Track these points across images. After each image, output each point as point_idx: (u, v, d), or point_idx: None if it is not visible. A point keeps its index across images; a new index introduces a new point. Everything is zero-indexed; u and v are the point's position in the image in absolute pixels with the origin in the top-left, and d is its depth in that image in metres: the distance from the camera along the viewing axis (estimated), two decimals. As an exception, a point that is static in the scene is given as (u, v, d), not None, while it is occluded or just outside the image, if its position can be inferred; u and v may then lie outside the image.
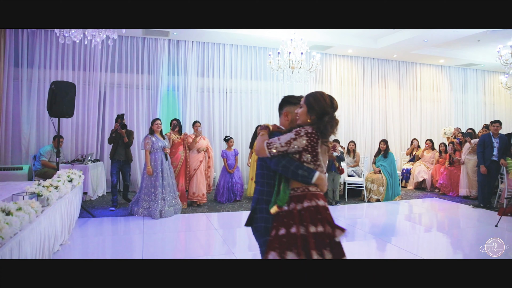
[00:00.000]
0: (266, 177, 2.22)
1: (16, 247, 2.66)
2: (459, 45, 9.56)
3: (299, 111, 2.13)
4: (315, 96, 2.12)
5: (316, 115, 2.06)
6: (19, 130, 7.42)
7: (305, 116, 2.10)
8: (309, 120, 2.08)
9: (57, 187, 3.93)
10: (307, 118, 2.09)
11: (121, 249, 4.48)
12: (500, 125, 6.85)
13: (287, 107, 2.25)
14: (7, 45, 7.32)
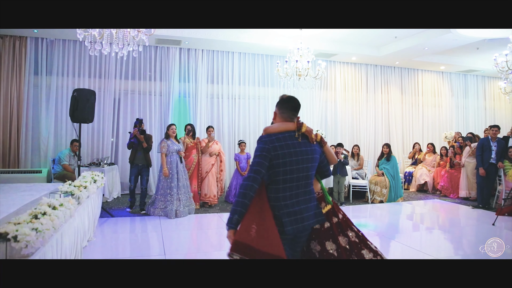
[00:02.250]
0: None
1: (60, 238, 3.01)
2: (459, 52, 9.90)
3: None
4: None
5: None
6: (38, 135, 7.80)
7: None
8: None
9: (86, 187, 4.28)
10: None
11: (143, 246, 4.83)
12: (499, 129, 7.17)
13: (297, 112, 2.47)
14: (28, 54, 7.72)
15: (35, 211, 2.78)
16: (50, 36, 7.82)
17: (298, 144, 2.28)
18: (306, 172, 2.28)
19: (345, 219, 2.47)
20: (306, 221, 2.25)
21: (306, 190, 2.30)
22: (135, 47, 4.49)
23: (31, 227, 2.45)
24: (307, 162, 2.28)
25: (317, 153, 2.36)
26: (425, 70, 11.30)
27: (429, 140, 10.62)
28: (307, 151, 2.30)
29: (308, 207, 2.28)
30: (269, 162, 2.21)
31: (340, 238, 2.38)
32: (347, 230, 2.42)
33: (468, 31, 7.59)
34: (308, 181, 2.31)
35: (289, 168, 2.22)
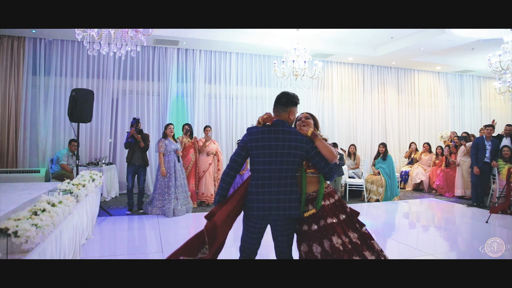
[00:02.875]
0: None
1: (59, 235, 3.06)
2: (454, 53, 9.99)
3: (308, 121, 2.73)
4: (315, 117, 2.90)
5: (317, 128, 2.79)
6: (37, 135, 7.83)
7: (312, 126, 2.74)
8: (315, 130, 2.68)
9: (84, 185, 4.33)
10: (313, 129, 2.68)
11: (140, 244, 4.88)
12: (493, 129, 7.26)
13: (292, 107, 2.62)
14: (26, 54, 7.76)
15: (35, 208, 2.83)
16: (49, 36, 7.86)
17: (276, 138, 2.44)
18: (280, 165, 2.42)
19: (342, 222, 2.52)
20: (274, 211, 2.42)
21: (281, 183, 2.43)
22: (133, 47, 4.54)
23: (31, 223, 2.50)
24: (281, 156, 2.42)
25: (298, 148, 2.45)
26: (421, 70, 11.38)
27: (425, 140, 10.71)
28: (284, 145, 2.42)
29: (279, 199, 2.42)
30: (246, 152, 2.50)
31: (325, 241, 2.45)
32: (341, 234, 2.46)
33: (462, 32, 7.67)
34: (282, 174, 2.43)
35: (261, 160, 2.43)
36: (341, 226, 2.49)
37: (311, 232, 2.50)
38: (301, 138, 2.49)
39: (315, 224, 2.50)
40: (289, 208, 2.43)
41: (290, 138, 2.47)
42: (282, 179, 2.44)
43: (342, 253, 2.37)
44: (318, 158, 2.49)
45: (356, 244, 2.44)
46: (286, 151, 2.43)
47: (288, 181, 2.45)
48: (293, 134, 2.49)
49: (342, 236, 2.44)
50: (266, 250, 3.42)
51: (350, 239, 2.45)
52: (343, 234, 2.45)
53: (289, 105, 2.59)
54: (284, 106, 2.59)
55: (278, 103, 2.61)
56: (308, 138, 2.54)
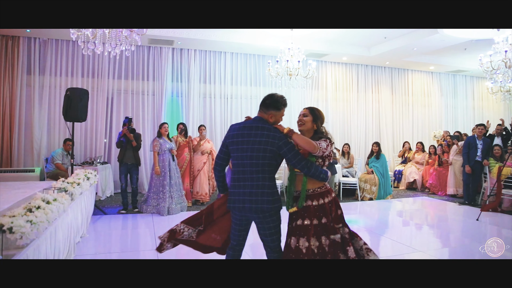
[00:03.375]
0: None
1: (54, 232, 3.09)
2: (447, 53, 10.10)
3: (305, 119, 2.70)
4: (318, 109, 2.77)
5: (320, 123, 2.70)
6: (31, 134, 7.84)
7: (310, 123, 2.69)
8: (315, 127, 2.69)
9: (79, 183, 4.36)
10: (312, 126, 2.69)
11: (135, 242, 4.92)
12: (484, 128, 7.36)
13: (273, 111, 2.62)
14: (21, 53, 7.76)
15: (30, 205, 2.86)
16: (43, 35, 7.87)
17: (248, 134, 2.54)
18: (251, 160, 2.52)
19: (319, 226, 2.53)
20: (247, 204, 2.53)
21: (253, 177, 2.53)
22: (128, 46, 4.57)
23: (26, 219, 2.53)
24: (251, 151, 2.51)
25: (269, 144, 2.50)
26: (415, 70, 11.49)
27: (419, 139, 10.80)
28: (255, 141, 2.51)
29: (252, 193, 2.53)
30: (226, 148, 2.68)
31: (292, 239, 2.54)
32: (311, 237, 2.49)
33: (454, 32, 7.76)
34: (254, 169, 2.52)
35: (235, 155, 2.59)
36: (317, 229, 2.51)
37: (292, 227, 2.61)
38: (273, 134, 2.52)
39: (296, 221, 2.60)
40: (261, 201, 2.51)
41: (263, 134, 2.53)
42: (254, 173, 2.53)
43: (302, 255, 2.45)
44: (290, 155, 2.51)
45: (324, 251, 2.47)
46: (256, 146, 2.51)
47: (260, 175, 2.53)
48: (266, 130, 2.54)
49: (311, 240, 2.48)
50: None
51: (321, 244, 2.48)
52: (313, 238, 2.49)
53: (270, 108, 2.61)
54: (266, 108, 2.63)
55: (262, 103, 2.66)
56: (284, 135, 2.55)
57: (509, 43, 6.41)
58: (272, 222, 2.59)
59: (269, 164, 2.54)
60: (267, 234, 2.62)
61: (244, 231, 2.74)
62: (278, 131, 2.54)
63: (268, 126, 2.57)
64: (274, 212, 2.59)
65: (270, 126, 2.58)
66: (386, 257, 4.40)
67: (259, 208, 2.52)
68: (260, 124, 2.58)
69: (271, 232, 2.62)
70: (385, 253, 4.55)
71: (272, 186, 2.56)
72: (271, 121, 2.62)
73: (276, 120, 2.64)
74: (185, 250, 4.61)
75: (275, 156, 2.54)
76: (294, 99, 9.78)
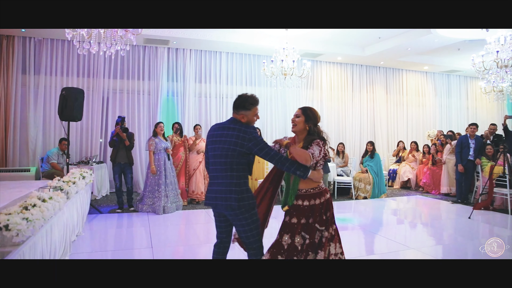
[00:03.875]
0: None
1: (49, 230, 3.12)
2: (441, 53, 10.19)
3: (297, 120, 2.72)
4: (312, 109, 2.77)
5: (313, 124, 2.70)
6: (27, 134, 7.83)
7: (302, 124, 2.70)
8: (307, 127, 2.70)
9: (74, 182, 4.38)
10: (305, 126, 2.70)
11: (131, 240, 4.95)
12: (477, 127, 7.45)
13: (243, 111, 2.66)
14: (16, 53, 7.76)
15: (25, 203, 2.89)
16: (38, 35, 7.87)
17: (221, 134, 2.64)
18: (220, 159, 2.61)
19: (305, 225, 2.62)
20: (218, 201, 2.62)
21: (223, 175, 2.62)
22: (123, 46, 4.60)
23: (22, 217, 2.56)
24: (221, 150, 2.60)
25: (238, 145, 2.55)
26: (409, 70, 11.57)
27: (413, 139, 10.88)
28: (226, 141, 2.59)
29: (221, 190, 2.62)
30: (207, 147, 2.79)
31: (297, 237, 2.61)
32: (296, 235, 2.61)
33: (448, 32, 7.84)
34: (223, 167, 2.60)
35: (210, 154, 2.70)
36: (303, 228, 2.62)
37: (282, 224, 2.74)
38: (243, 135, 2.57)
39: (285, 218, 2.73)
40: (229, 199, 2.58)
41: (233, 134, 2.59)
42: (223, 171, 2.61)
43: (283, 251, 2.59)
44: (261, 154, 2.57)
45: (300, 248, 2.59)
46: (226, 146, 2.58)
47: (228, 173, 2.59)
48: (236, 131, 2.59)
49: (296, 237, 2.60)
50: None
51: (299, 241, 2.60)
52: (298, 236, 2.60)
53: (239, 109, 2.66)
54: (236, 109, 2.68)
55: (233, 104, 2.71)
56: (252, 137, 2.57)
57: (500, 43, 6.50)
58: (244, 220, 2.62)
59: (237, 163, 2.59)
60: (240, 231, 2.68)
61: (224, 228, 2.80)
62: (248, 133, 2.57)
63: (239, 127, 2.61)
64: (245, 210, 2.60)
65: (241, 127, 2.61)
66: (380, 254, 4.47)
67: (228, 205, 2.59)
68: (232, 125, 2.64)
69: (244, 229, 2.66)
70: (379, 251, 4.62)
71: (240, 184, 2.60)
72: (244, 121, 2.66)
73: (249, 120, 2.67)
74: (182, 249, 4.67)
75: (245, 155, 2.60)
76: (289, 98, 9.84)
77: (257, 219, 2.70)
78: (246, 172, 2.67)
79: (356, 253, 4.45)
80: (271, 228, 2.99)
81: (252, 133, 2.58)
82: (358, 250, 4.65)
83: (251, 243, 2.70)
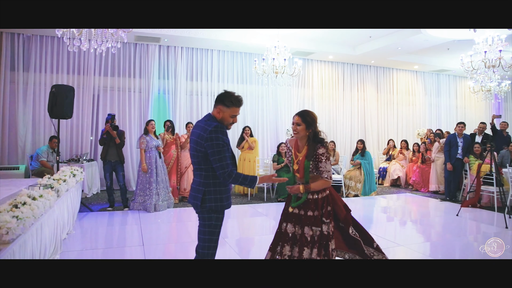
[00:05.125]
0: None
1: (40, 228, 3.11)
2: (431, 53, 10.30)
3: (298, 128, 2.80)
4: (310, 113, 2.84)
5: (313, 128, 2.80)
6: (16, 132, 7.75)
7: (304, 131, 2.80)
8: (308, 133, 2.80)
9: (65, 180, 4.36)
10: (306, 132, 2.80)
11: (122, 238, 4.94)
12: (464, 126, 7.57)
13: (220, 106, 2.55)
14: (4, 49, 7.66)
15: (15, 201, 2.88)
16: (27, 31, 7.78)
17: (194, 132, 2.58)
18: (192, 158, 2.60)
19: (314, 217, 2.77)
20: (190, 200, 2.63)
21: (195, 173, 2.63)
22: (114, 43, 4.58)
23: (12, 215, 2.55)
24: (191, 149, 2.60)
25: (199, 144, 2.47)
26: (400, 69, 11.68)
27: (403, 137, 11.01)
28: (192, 139, 2.57)
29: (192, 188, 2.63)
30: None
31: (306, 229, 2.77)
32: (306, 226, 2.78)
33: (437, 32, 7.94)
34: (194, 166, 2.61)
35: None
36: (309, 220, 2.78)
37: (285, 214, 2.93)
38: (202, 134, 2.44)
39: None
40: (193, 197, 2.56)
41: (196, 133, 2.53)
42: (195, 170, 2.61)
43: (288, 238, 2.80)
44: (211, 157, 2.43)
45: (305, 240, 2.75)
46: (192, 145, 2.56)
47: (197, 172, 2.58)
48: (199, 129, 2.50)
49: (302, 228, 2.78)
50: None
51: (303, 233, 2.76)
52: (307, 226, 2.77)
53: (218, 103, 2.55)
54: (216, 102, 2.57)
55: (215, 97, 2.62)
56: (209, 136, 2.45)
57: (488, 43, 6.60)
58: (202, 220, 2.56)
59: (205, 162, 2.48)
60: (199, 230, 2.60)
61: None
62: (208, 132, 2.42)
63: (202, 125, 2.49)
64: (205, 211, 2.53)
65: (204, 125, 2.48)
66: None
67: (194, 204, 2.56)
68: (204, 119, 2.58)
69: (200, 230, 2.58)
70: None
71: (208, 184, 2.50)
72: (218, 116, 2.52)
73: (224, 117, 2.53)
74: (173, 247, 4.67)
75: (205, 154, 2.46)
76: (281, 97, 9.87)
77: (216, 225, 2.56)
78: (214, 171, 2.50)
79: (346, 250, 4.49)
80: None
81: (212, 132, 2.40)
82: (348, 247, 4.70)
83: (200, 247, 2.60)
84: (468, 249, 4.69)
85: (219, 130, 2.43)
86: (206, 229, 2.55)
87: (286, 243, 2.80)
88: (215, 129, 2.41)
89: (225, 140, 2.46)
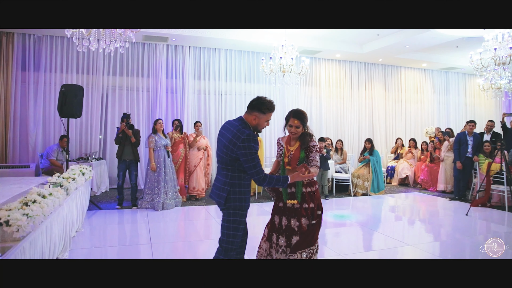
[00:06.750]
0: None
1: (49, 225, 3.15)
2: (439, 50, 10.21)
3: (298, 130, 2.92)
4: (303, 113, 2.96)
5: (305, 125, 2.96)
6: (26, 131, 7.86)
7: (301, 129, 2.94)
8: (303, 130, 2.94)
9: (74, 178, 4.41)
10: (302, 130, 2.94)
11: (130, 236, 4.98)
12: (475, 124, 7.49)
13: (257, 113, 2.65)
14: (15, 50, 7.77)
15: (26, 199, 2.92)
16: (38, 32, 7.87)
17: (224, 133, 2.67)
18: (219, 157, 2.70)
19: (310, 209, 2.90)
20: (214, 197, 2.74)
21: (220, 172, 2.73)
22: (122, 43, 4.62)
23: (22, 212, 2.60)
24: (220, 148, 2.68)
25: (232, 143, 2.56)
26: (408, 67, 11.60)
27: (411, 136, 10.93)
28: (227, 139, 2.62)
29: (216, 186, 2.75)
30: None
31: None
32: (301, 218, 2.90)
33: (446, 30, 7.86)
34: (220, 165, 2.72)
35: (217, 149, 2.78)
36: (307, 212, 2.90)
37: (281, 208, 3.03)
38: (235, 141, 2.54)
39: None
40: (218, 195, 2.68)
41: (226, 136, 2.63)
42: (220, 169, 2.72)
43: (291, 231, 2.88)
44: (246, 166, 2.55)
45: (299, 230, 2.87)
46: (221, 147, 2.66)
47: (223, 172, 2.68)
48: (231, 134, 2.59)
49: (302, 219, 2.89)
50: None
51: (301, 224, 2.87)
52: (304, 218, 2.88)
53: (254, 110, 2.65)
54: (251, 109, 2.67)
55: (248, 104, 2.71)
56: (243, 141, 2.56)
57: (498, 41, 6.52)
58: (227, 216, 2.65)
59: (232, 164, 2.61)
60: (223, 225, 2.69)
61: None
62: (241, 140, 2.52)
63: (235, 131, 2.57)
64: (229, 207, 2.62)
65: (241, 127, 2.58)
66: (378, 251, 4.50)
67: (218, 202, 2.69)
68: (235, 123, 2.66)
69: (224, 225, 2.67)
70: (377, 247, 4.65)
71: (233, 184, 2.61)
72: (254, 123, 2.65)
73: (259, 123, 2.67)
74: (181, 245, 4.71)
75: (234, 155, 2.57)
76: (288, 95, 9.86)
77: (240, 221, 2.66)
78: (242, 172, 2.62)
79: (354, 250, 4.49)
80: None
81: (245, 141, 2.51)
82: (356, 247, 4.69)
83: (222, 241, 2.69)
84: (478, 249, 4.65)
85: (252, 139, 2.54)
86: (230, 225, 2.66)
87: (281, 234, 2.92)
88: (248, 138, 2.53)
89: (256, 147, 2.57)
